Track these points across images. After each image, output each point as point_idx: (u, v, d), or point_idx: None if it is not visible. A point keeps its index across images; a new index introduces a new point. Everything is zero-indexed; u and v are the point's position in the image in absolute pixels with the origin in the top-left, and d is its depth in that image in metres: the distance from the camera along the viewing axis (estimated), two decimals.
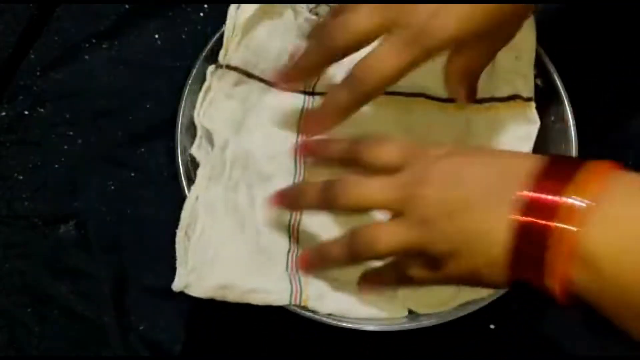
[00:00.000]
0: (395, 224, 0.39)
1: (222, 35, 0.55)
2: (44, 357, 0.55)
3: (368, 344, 0.54)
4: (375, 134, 0.43)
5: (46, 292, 0.56)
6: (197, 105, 0.53)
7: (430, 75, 0.52)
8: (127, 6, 0.65)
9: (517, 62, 0.54)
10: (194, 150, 0.52)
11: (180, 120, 0.52)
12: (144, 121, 0.62)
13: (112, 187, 0.59)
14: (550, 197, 0.34)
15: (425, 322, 0.48)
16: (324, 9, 0.58)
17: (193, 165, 0.52)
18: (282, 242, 0.51)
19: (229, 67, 0.54)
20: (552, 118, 0.54)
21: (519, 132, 0.54)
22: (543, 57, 0.54)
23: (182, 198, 0.50)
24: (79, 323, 0.55)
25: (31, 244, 0.57)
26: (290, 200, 0.46)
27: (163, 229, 0.58)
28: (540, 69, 0.54)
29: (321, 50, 0.45)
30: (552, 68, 0.54)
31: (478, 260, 0.36)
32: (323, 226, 0.51)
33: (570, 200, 0.33)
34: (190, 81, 0.53)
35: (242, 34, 0.54)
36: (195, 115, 0.53)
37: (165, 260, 0.57)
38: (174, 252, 0.57)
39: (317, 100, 0.55)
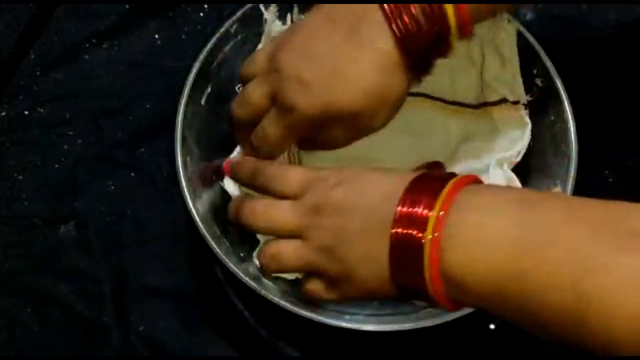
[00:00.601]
0: (300, 245, 0.44)
1: (222, 35, 0.55)
2: (44, 357, 0.55)
3: (368, 344, 0.54)
4: (280, 162, 0.49)
5: (46, 292, 0.56)
6: None
7: (433, 77, 0.52)
8: (127, 6, 0.65)
9: (501, 69, 0.55)
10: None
11: (180, 120, 0.52)
12: (144, 121, 0.62)
13: (112, 187, 0.59)
14: (410, 209, 0.38)
15: (425, 322, 0.48)
16: None
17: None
18: None
19: None
20: (552, 118, 0.54)
21: (511, 135, 0.55)
22: (543, 57, 0.54)
23: (182, 198, 0.50)
24: (79, 323, 0.55)
25: (31, 244, 0.57)
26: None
27: (163, 229, 0.58)
28: (540, 69, 0.54)
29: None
30: (552, 68, 0.54)
31: (371, 280, 0.40)
32: None
33: (424, 211, 0.37)
34: (190, 81, 0.53)
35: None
36: None
37: (165, 260, 0.57)
38: (174, 252, 0.58)
39: None
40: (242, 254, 0.52)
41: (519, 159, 0.55)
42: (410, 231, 0.37)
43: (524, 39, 0.54)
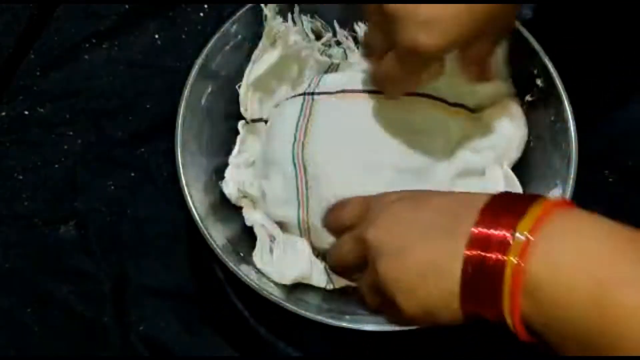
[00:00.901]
0: (366, 270, 0.40)
1: (222, 35, 0.55)
2: (44, 357, 0.55)
3: (368, 344, 0.54)
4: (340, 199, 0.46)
5: (46, 292, 0.56)
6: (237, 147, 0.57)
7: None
8: (127, 6, 0.65)
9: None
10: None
11: (180, 120, 0.52)
12: (144, 121, 0.62)
13: (112, 187, 0.59)
14: (495, 231, 0.35)
15: None
16: (337, 50, 0.59)
17: None
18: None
19: (253, 120, 0.58)
20: (552, 118, 0.54)
21: (508, 132, 0.55)
22: (543, 57, 0.54)
23: (182, 198, 0.50)
24: (79, 323, 0.55)
25: (31, 244, 0.57)
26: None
27: (163, 229, 0.58)
28: (540, 69, 0.54)
29: None
30: (552, 68, 0.54)
31: (432, 294, 0.37)
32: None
33: (512, 235, 0.34)
34: (190, 81, 0.53)
35: (254, 91, 0.57)
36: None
37: (165, 260, 0.57)
38: (174, 252, 0.58)
39: (317, 101, 0.56)
40: (242, 254, 0.52)
41: (518, 154, 0.55)
42: (488, 254, 0.34)
43: (524, 39, 0.54)
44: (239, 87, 0.57)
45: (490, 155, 0.55)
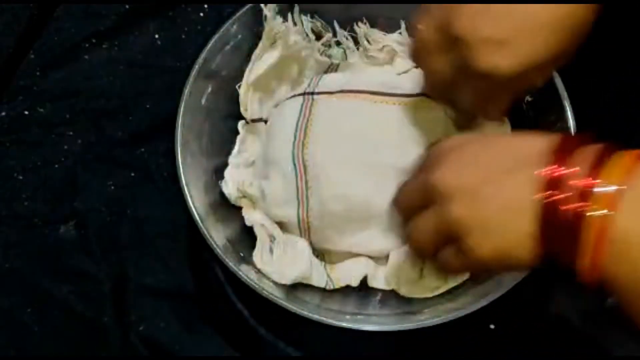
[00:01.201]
0: (426, 213, 0.39)
1: (222, 35, 0.55)
2: (44, 357, 0.55)
3: (368, 344, 0.54)
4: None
5: (46, 292, 0.56)
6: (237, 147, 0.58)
7: None
8: (127, 6, 0.65)
9: None
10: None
11: (180, 120, 0.52)
12: (144, 121, 0.62)
13: (112, 187, 0.59)
14: (582, 180, 0.34)
15: (425, 322, 0.48)
16: (337, 50, 0.59)
17: None
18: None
19: (253, 120, 0.58)
20: (552, 118, 0.54)
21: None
22: None
23: (182, 198, 0.50)
24: (79, 323, 0.55)
25: (31, 244, 0.57)
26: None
27: (163, 229, 0.58)
28: None
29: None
30: None
31: (508, 236, 0.36)
32: (332, 223, 0.53)
33: (602, 183, 0.33)
34: (190, 81, 0.53)
35: (254, 91, 0.57)
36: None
37: (165, 260, 0.57)
38: (174, 252, 0.58)
39: (316, 101, 0.56)
40: (242, 254, 0.52)
41: None
42: (566, 200, 0.34)
43: None
44: (239, 87, 0.57)
45: None
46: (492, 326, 0.55)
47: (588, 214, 0.33)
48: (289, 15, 0.57)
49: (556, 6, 0.42)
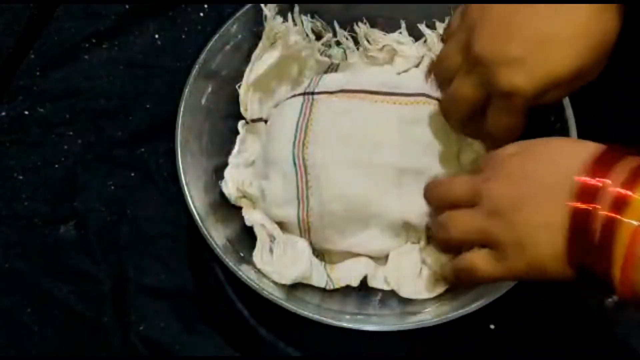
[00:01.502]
0: (470, 212, 0.41)
1: (222, 35, 0.55)
2: (44, 357, 0.55)
3: (368, 344, 0.54)
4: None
5: (46, 292, 0.56)
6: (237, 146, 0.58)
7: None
8: (127, 6, 0.65)
9: None
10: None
11: (180, 120, 0.52)
12: (144, 121, 0.62)
13: (112, 187, 0.59)
14: (619, 189, 0.34)
15: (425, 322, 0.48)
16: (337, 50, 0.59)
17: None
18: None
19: (253, 120, 0.58)
20: (552, 118, 0.53)
21: None
22: None
23: (182, 198, 0.50)
24: (79, 323, 0.55)
25: (31, 244, 0.57)
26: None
27: (163, 229, 0.58)
28: None
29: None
30: None
31: (543, 251, 0.37)
32: (332, 221, 0.53)
33: (632, 193, 0.34)
34: (190, 81, 0.53)
35: (254, 91, 0.57)
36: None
37: (165, 260, 0.57)
38: (174, 252, 0.58)
39: (317, 101, 0.56)
40: (242, 254, 0.52)
41: None
42: (599, 209, 0.34)
43: None
44: (239, 87, 0.57)
45: None
46: (492, 326, 0.55)
47: (621, 223, 0.34)
48: (289, 15, 0.57)
49: (575, 14, 0.41)
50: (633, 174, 0.34)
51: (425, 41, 0.59)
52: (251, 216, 0.55)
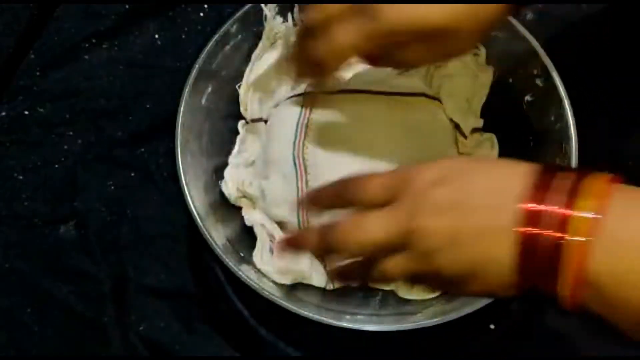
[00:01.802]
0: (404, 256, 0.38)
1: (222, 35, 0.55)
2: (44, 357, 0.55)
3: (368, 344, 0.54)
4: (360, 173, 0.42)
5: (46, 292, 0.56)
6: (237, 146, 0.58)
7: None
8: (127, 6, 0.65)
9: (466, 104, 0.57)
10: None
11: (181, 120, 0.52)
12: (144, 121, 0.62)
13: (112, 187, 0.59)
14: (548, 207, 0.34)
15: (425, 322, 0.48)
16: None
17: None
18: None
19: (253, 120, 0.58)
20: (552, 118, 0.54)
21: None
22: (543, 57, 0.54)
23: (182, 198, 0.50)
24: (79, 323, 0.55)
25: (31, 244, 0.57)
26: (294, 247, 0.44)
27: (163, 229, 0.58)
28: (540, 69, 0.54)
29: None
30: (552, 68, 0.54)
31: (491, 281, 0.36)
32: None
33: (577, 213, 0.33)
34: (190, 81, 0.53)
35: (254, 91, 0.58)
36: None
37: (165, 260, 0.57)
38: (174, 252, 0.58)
39: (316, 101, 0.56)
40: (242, 254, 0.52)
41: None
42: (545, 232, 0.34)
43: (524, 39, 0.54)
44: (239, 87, 0.57)
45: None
46: (492, 326, 0.55)
47: (567, 243, 0.33)
48: (289, 15, 0.57)
49: None
50: (571, 193, 0.34)
51: None
52: (251, 216, 0.55)
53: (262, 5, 0.56)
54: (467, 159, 0.40)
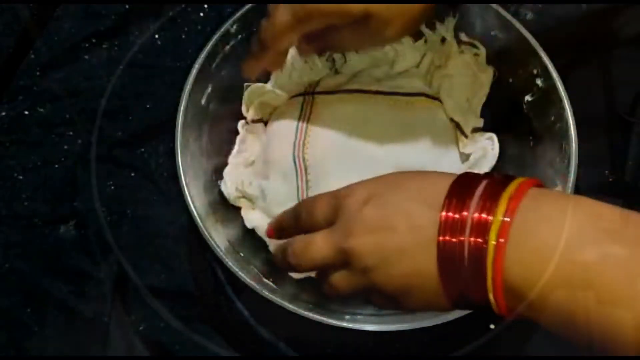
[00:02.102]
0: (347, 273, 0.40)
1: (222, 35, 0.55)
2: (44, 357, 0.55)
3: (368, 344, 0.54)
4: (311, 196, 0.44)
5: (46, 292, 0.56)
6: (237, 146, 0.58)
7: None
8: (127, 6, 0.65)
9: (467, 104, 0.57)
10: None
11: (181, 120, 0.52)
12: (144, 121, 0.62)
13: (112, 187, 0.59)
14: (479, 215, 0.35)
15: (425, 322, 0.48)
16: (337, 56, 0.59)
17: None
18: None
19: (253, 120, 0.58)
20: (552, 118, 0.54)
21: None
22: (543, 57, 0.54)
23: (182, 198, 0.50)
24: (79, 323, 0.55)
25: (31, 244, 0.57)
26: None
27: (163, 229, 0.58)
28: (540, 69, 0.54)
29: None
30: (552, 68, 0.54)
31: (424, 296, 0.38)
32: None
33: (492, 217, 0.34)
34: (190, 81, 0.53)
35: (254, 91, 0.58)
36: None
37: (165, 260, 0.57)
38: (174, 252, 0.58)
39: (317, 101, 0.56)
40: (242, 254, 0.52)
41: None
42: (463, 239, 0.35)
43: (524, 39, 0.54)
44: (247, 86, 0.57)
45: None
46: (492, 326, 0.55)
47: (486, 248, 0.34)
48: None
49: None
50: (490, 199, 0.35)
51: (425, 41, 0.59)
52: (250, 217, 0.55)
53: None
54: (396, 174, 0.41)
